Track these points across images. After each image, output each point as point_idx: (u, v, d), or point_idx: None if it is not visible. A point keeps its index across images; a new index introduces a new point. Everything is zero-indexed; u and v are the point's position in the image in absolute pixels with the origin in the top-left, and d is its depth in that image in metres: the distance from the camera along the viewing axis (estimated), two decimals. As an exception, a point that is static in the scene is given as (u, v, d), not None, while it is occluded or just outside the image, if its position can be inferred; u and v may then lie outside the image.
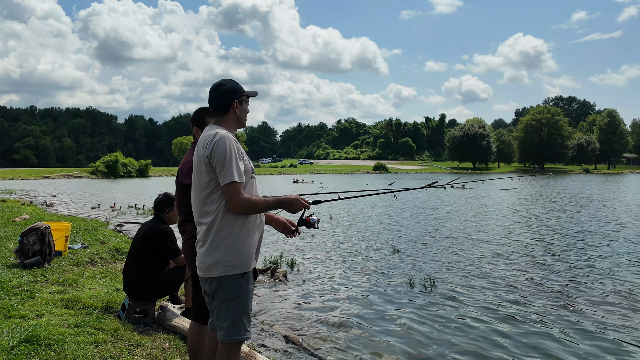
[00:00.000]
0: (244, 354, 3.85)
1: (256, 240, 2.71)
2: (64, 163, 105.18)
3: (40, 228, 6.20)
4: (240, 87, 2.76)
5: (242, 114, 2.78)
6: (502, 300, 6.16)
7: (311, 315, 5.52)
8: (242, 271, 2.60)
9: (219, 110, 2.73)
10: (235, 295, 2.60)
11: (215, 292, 2.63)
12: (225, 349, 2.64)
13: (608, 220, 14.74)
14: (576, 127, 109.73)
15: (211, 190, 2.59)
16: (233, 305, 2.61)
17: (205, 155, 2.56)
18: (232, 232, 2.58)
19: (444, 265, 8.23)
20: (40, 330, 3.70)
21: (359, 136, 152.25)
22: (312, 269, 7.94)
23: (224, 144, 2.53)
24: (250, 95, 2.83)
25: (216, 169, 2.54)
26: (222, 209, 2.57)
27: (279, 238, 11.09)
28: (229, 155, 2.52)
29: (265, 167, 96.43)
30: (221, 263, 2.57)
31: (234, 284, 2.60)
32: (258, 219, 2.72)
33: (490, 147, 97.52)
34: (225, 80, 2.77)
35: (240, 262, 2.59)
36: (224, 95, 2.71)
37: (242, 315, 2.62)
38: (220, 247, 2.58)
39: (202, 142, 2.61)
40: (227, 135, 2.58)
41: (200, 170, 2.62)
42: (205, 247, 2.62)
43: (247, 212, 2.58)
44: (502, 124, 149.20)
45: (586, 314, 5.61)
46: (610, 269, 7.95)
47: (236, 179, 2.50)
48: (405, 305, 5.92)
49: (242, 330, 2.62)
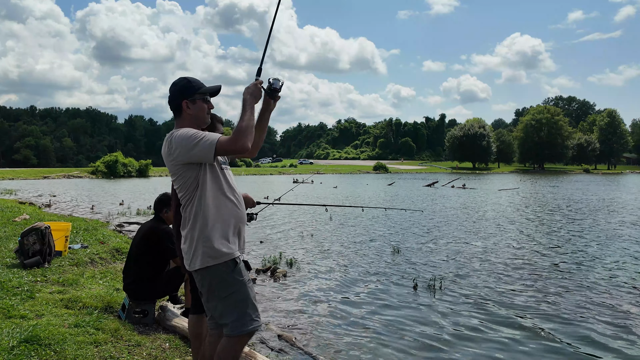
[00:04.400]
0: (244, 354, 3.85)
1: (234, 227, 2.67)
2: (64, 163, 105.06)
3: (40, 228, 6.20)
4: (193, 86, 2.67)
5: (199, 113, 2.68)
6: (503, 300, 6.16)
7: (311, 315, 5.52)
8: (223, 260, 2.56)
9: (173, 112, 2.71)
10: (231, 291, 2.58)
11: (209, 291, 2.61)
12: (231, 342, 2.61)
13: (610, 220, 14.74)
14: (576, 127, 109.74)
15: (184, 186, 2.59)
16: (233, 301, 2.59)
17: (172, 159, 2.56)
18: (207, 222, 2.56)
19: (444, 266, 8.23)
20: (40, 330, 3.70)
21: (358, 136, 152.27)
22: (312, 268, 7.94)
23: (179, 137, 2.54)
24: (209, 92, 2.72)
25: (194, 159, 2.51)
26: (195, 200, 2.58)
27: (280, 238, 11.09)
28: (188, 137, 2.50)
29: (265, 167, 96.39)
30: (199, 254, 2.56)
31: (225, 279, 2.57)
32: (234, 205, 2.68)
33: (490, 147, 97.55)
34: (178, 80, 2.71)
35: (217, 251, 2.55)
36: (173, 97, 2.68)
37: (245, 307, 2.60)
38: (196, 240, 2.57)
39: (165, 152, 2.62)
40: (178, 133, 2.57)
41: (174, 174, 2.62)
42: (184, 240, 2.64)
43: (248, 137, 2.50)
44: (502, 124, 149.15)
45: (588, 314, 5.61)
46: (615, 269, 7.96)
47: (214, 141, 2.46)
48: (405, 306, 5.92)
49: (249, 321, 2.60)
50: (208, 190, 2.59)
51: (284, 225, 13.43)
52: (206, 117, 2.74)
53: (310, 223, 13.88)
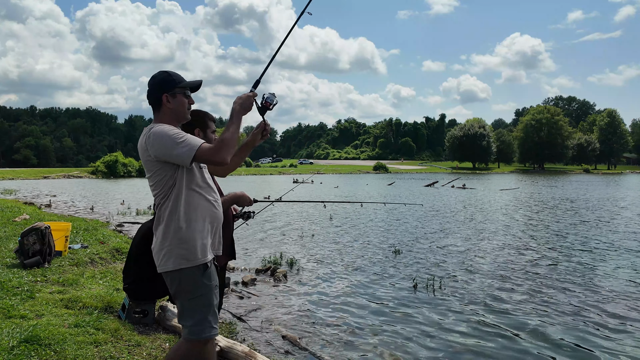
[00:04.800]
0: (244, 354, 3.85)
1: (211, 228, 2.63)
2: (64, 163, 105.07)
3: (40, 228, 6.20)
4: (174, 79, 2.61)
5: (179, 107, 2.61)
6: (504, 300, 6.15)
7: (311, 315, 5.52)
8: (197, 263, 2.52)
9: (152, 105, 2.64)
10: (198, 295, 2.55)
11: (177, 291, 2.58)
12: (188, 345, 2.58)
13: (611, 219, 14.75)
14: (576, 127, 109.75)
15: (159, 184, 2.54)
16: (197, 305, 2.55)
17: (151, 155, 2.49)
18: (182, 222, 2.51)
19: (445, 265, 8.22)
20: (40, 330, 3.70)
21: (358, 136, 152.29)
22: (312, 268, 7.94)
23: (159, 133, 2.47)
24: (190, 86, 2.66)
25: (170, 159, 2.46)
26: (171, 199, 2.52)
27: (280, 238, 11.09)
28: (169, 136, 2.44)
29: (265, 167, 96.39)
30: (173, 255, 2.51)
31: (195, 282, 2.54)
32: (210, 205, 2.63)
33: (490, 147, 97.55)
34: (157, 73, 2.65)
35: (192, 253, 2.51)
36: (152, 90, 2.62)
37: (207, 313, 2.56)
38: (169, 239, 2.52)
39: (141, 146, 2.55)
40: (157, 126, 2.52)
41: (149, 170, 2.56)
42: (157, 239, 2.58)
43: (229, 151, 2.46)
44: (502, 124, 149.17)
45: (588, 315, 5.61)
46: (616, 269, 7.96)
47: (195, 147, 2.42)
48: (405, 306, 5.91)
49: (208, 328, 2.56)
50: (185, 189, 2.54)
51: (285, 225, 13.43)
52: (186, 113, 2.67)
53: (311, 223, 13.88)
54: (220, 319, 5.11)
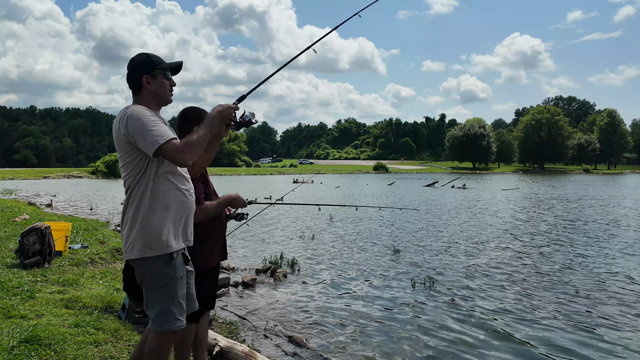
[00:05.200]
0: (244, 354, 3.85)
1: (181, 217, 2.58)
2: (64, 163, 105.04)
3: (40, 228, 6.20)
4: (153, 60, 2.57)
5: (160, 89, 2.57)
6: (504, 300, 6.16)
7: (311, 315, 5.52)
8: (161, 253, 2.48)
9: (132, 88, 2.59)
10: (160, 285, 2.52)
11: (142, 280, 2.56)
12: (156, 338, 2.56)
13: (611, 219, 14.74)
14: (576, 127, 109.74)
15: (128, 166, 2.49)
16: (160, 295, 2.52)
17: (121, 134, 2.44)
18: (151, 209, 2.47)
19: (445, 265, 8.22)
20: (40, 330, 3.70)
21: (359, 136, 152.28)
22: (312, 269, 7.94)
23: (136, 115, 2.42)
24: (170, 67, 2.62)
25: (138, 143, 2.41)
26: (138, 185, 2.48)
27: (280, 239, 11.09)
28: (143, 122, 2.39)
29: (266, 167, 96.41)
30: (138, 243, 2.47)
31: (158, 272, 2.50)
32: (181, 194, 2.58)
33: (490, 147, 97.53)
34: (136, 56, 2.61)
35: (157, 242, 2.47)
36: (132, 71, 2.57)
37: (170, 304, 2.53)
38: (136, 226, 2.48)
39: (116, 124, 2.50)
40: (136, 107, 2.48)
41: (120, 150, 2.51)
42: (124, 226, 2.55)
43: (194, 155, 2.41)
44: (502, 124, 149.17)
45: (588, 314, 5.61)
46: (613, 268, 7.96)
47: (160, 140, 2.36)
48: (406, 305, 5.91)
49: (172, 320, 2.53)
50: (155, 175, 2.49)
51: (285, 225, 13.43)
52: (167, 94, 2.62)
53: (311, 223, 13.88)
54: (220, 319, 5.11)
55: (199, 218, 3.07)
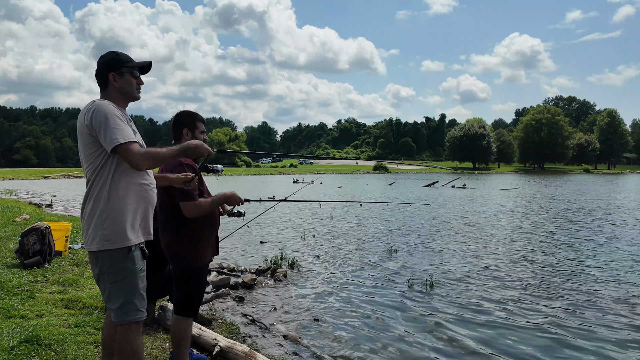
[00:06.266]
0: (245, 354, 3.85)
1: (141, 211, 2.62)
2: (64, 163, 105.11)
3: (40, 228, 6.20)
4: (121, 59, 2.63)
5: (126, 86, 2.63)
6: (503, 301, 6.16)
7: (311, 315, 5.52)
8: (120, 246, 2.51)
9: (99, 84, 2.66)
10: (120, 278, 2.55)
11: (100, 273, 2.58)
12: (123, 330, 2.60)
13: (611, 221, 14.74)
14: (576, 127, 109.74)
15: (89, 158, 2.54)
16: (121, 288, 2.56)
17: (85, 125, 2.50)
18: (111, 202, 2.50)
19: (445, 265, 8.22)
20: (40, 330, 3.70)
21: (359, 136, 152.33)
22: (313, 269, 7.93)
23: (102, 110, 2.47)
24: (138, 66, 2.68)
25: (99, 137, 2.46)
26: (98, 178, 2.51)
27: (280, 238, 11.08)
28: (107, 119, 2.44)
29: (266, 167, 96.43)
30: (97, 235, 2.50)
31: (117, 264, 2.53)
32: (142, 187, 2.62)
33: (490, 147, 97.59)
34: (105, 54, 2.67)
35: (116, 235, 2.50)
36: (100, 68, 2.63)
37: (132, 297, 2.57)
38: (94, 218, 2.51)
39: (80, 115, 2.56)
40: (103, 102, 2.53)
41: (82, 142, 2.57)
42: (83, 218, 2.58)
43: (151, 164, 2.51)
44: (502, 124, 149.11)
45: (587, 316, 5.61)
46: (613, 270, 7.96)
47: (120, 140, 2.41)
48: (405, 305, 5.91)
49: (134, 311, 2.58)
50: (115, 168, 2.53)
51: (285, 225, 13.43)
52: (134, 92, 2.68)
53: (311, 223, 13.88)
54: (220, 319, 5.11)
55: (192, 214, 3.10)
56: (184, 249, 3.16)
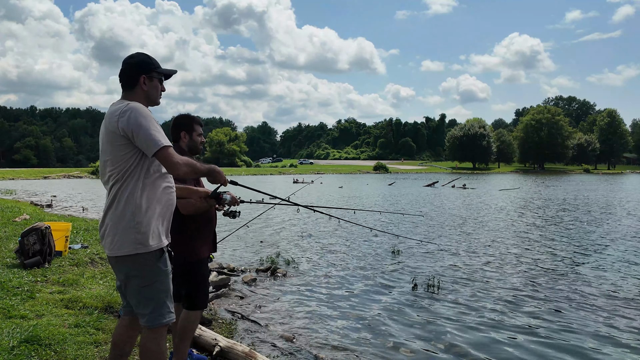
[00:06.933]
0: (244, 354, 3.85)
1: (166, 215, 2.61)
2: (64, 163, 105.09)
3: (40, 228, 6.20)
4: (152, 63, 2.62)
5: (152, 91, 2.62)
6: (503, 300, 6.16)
7: (311, 314, 5.52)
8: (154, 249, 2.50)
9: (125, 84, 2.61)
10: (153, 281, 2.52)
11: (130, 277, 2.54)
12: (152, 334, 2.57)
13: (613, 221, 14.74)
14: (576, 127, 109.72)
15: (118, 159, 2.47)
16: (153, 291, 2.53)
17: (118, 127, 2.42)
18: (142, 206, 2.47)
19: (445, 266, 8.22)
20: (40, 331, 3.70)
21: (359, 136, 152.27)
22: (312, 268, 7.94)
23: (140, 113, 2.43)
24: (166, 73, 2.69)
25: (134, 140, 2.41)
26: (127, 181, 2.47)
27: (279, 238, 11.09)
28: (147, 122, 2.41)
29: (266, 167, 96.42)
30: (128, 239, 2.46)
31: (148, 268, 2.50)
32: (168, 190, 2.62)
33: (490, 147, 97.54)
34: (136, 54, 2.64)
35: (149, 238, 2.48)
36: (130, 68, 2.59)
37: (164, 298, 2.56)
38: (126, 222, 2.46)
39: (112, 115, 2.47)
40: (139, 105, 2.48)
41: (111, 143, 2.47)
42: (109, 220, 2.52)
43: (187, 172, 2.50)
44: (502, 124, 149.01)
45: (588, 317, 5.61)
46: (615, 272, 7.96)
47: (163, 143, 2.40)
48: (405, 306, 5.91)
49: (167, 314, 2.57)
50: (145, 171, 2.50)
51: (284, 225, 13.43)
52: (157, 97, 2.68)
53: (310, 223, 13.88)
54: (220, 319, 5.12)
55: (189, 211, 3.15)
56: (184, 248, 3.19)
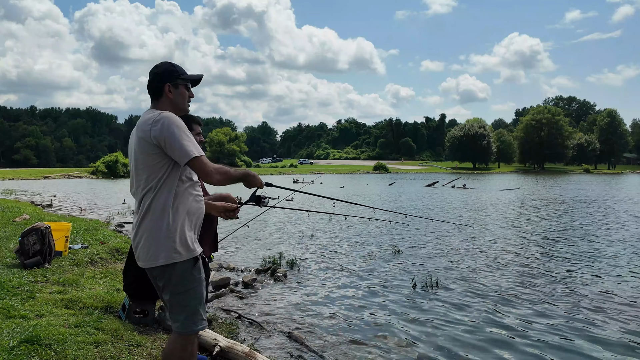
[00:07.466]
0: (244, 354, 3.85)
1: (197, 223, 2.66)
2: (64, 163, 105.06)
3: (40, 228, 6.19)
4: (177, 71, 2.64)
5: (179, 99, 2.65)
6: (503, 300, 6.16)
7: (311, 315, 5.52)
8: (189, 257, 2.53)
9: (153, 94, 2.65)
10: (188, 288, 2.55)
11: (165, 285, 2.57)
12: (182, 340, 2.60)
13: (613, 221, 14.74)
14: (576, 127, 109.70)
15: (150, 168, 2.50)
16: (187, 298, 2.56)
17: (152, 136, 2.44)
18: (176, 215, 2.50)
19: (445, 266, 8.22)
20: (40, 331, 3.70)
21: (359, 136, 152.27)
22: (312, 269, 7.93)
23: (171, 122, 2.46)
24: (192, 79, 2.71)
25: (167, 149, 2.45)
26: (160, 191, 2.49)
27: (279, 238, 11.08)
28: (179, 131, 2.45)
29: (266, 167, 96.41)
30: (164, 248, 2.48)
31: (184, 275, 2.53)
32: (197, 198, 2.66)
33: (490, 147, 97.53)
34: (160, 64, 2.68)
35: (184, 247, 2.52)
36: (155, 78, 2.63)
37: (198, 305, 2.59)
38: (161, 232, 2.48)
39: (144, 124, 2.50)
40: (171, 115, 2.51)
41: (143, 152, 2.50)
42: (142, 231, 2.54)
43: (220, 180, 2.54)
44: (502, 124, 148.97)
45: (587, 316, 5.61)
46: (615, 271, 7.96)
47: (196, 153, 2.45)
48: (405, 306, 5.91)
49: (199, 321, 2.60)
50: (177, 181, 2.53)
51: (284, 225, 13.43)
52: (185, 104, 2.70)
53: (311, 223, 13.87)
54: (220, 319, 5.11)
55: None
56: None
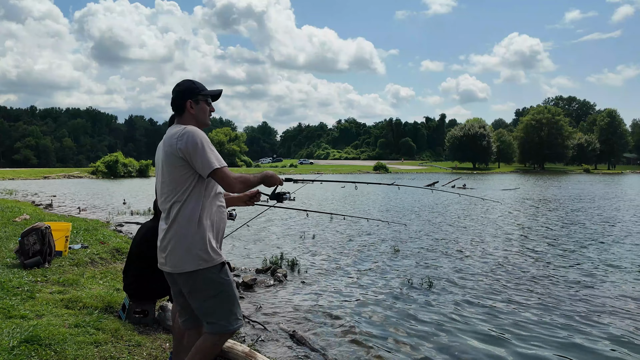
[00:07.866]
0: (244, 354, 3.86)
1: (220, 232, 2.76)
2: (64, 163, 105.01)
3: (40, 228, 6.20)
4: (197, 87, 2.78)
5: (200, 113, 2.78)
6: (503, 300, 6.16)
7: (311, 314, 5.52)
8: (215, 263, 2.63)
9: (176, 110, 2.80)
10: (220, 290, 2.65)
11: (195, 291, 2.65)
12: (215, 339, 2.68)
13: (613, 221, 14.74)
14: (576, 127, 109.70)
15: (177, 180, 2.63)
16: (222, 300, 2.66)
17: (177, 149, 2.58)
18: (202, 223, 2.61)
19: (446, 266, 8.22)
20: (40, 331, 3.70)
21: (359, 136, 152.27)
22: (313, 269, 7.94)
23: (196, 135, 2.59)
24: (212, 94, 2.84)
25: (191, 161, 2.57)
26: (187, 202, 2.61)
27: (280, 239, 11.09)
28: (202, 145, 2.57)
29: (266, 167, 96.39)
30: (191, 256, 2.59)
31: (213, 280, 2.63)
32: (221, 208, 2.78)
33: (490, 147, 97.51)
34: (182, 82, 2.82)
35: (209, 254, 2.62)
36: (177, 96, 2.77)
37: (231, 306, 2.68)
38: (187, 240, 2.59)
39: (171, 138, 2.64)
40: (195, 129, 2.64)
41: (170, 165, 2.63)
42: (168, 239, 2.65)
43: (242, 188, 2.66)
44: (502, 124, 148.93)
45: (586, 316, 5.61)
46: (615, 271, 7.96)
47: (217, 165, 2.56)
48: (406, 305, 5.92)
49: (235, 320, 2.69)
50: (204, 191, 2.65)
51: (285, 225, 13.43)
52: (207, 119, 2.83)
53: (311, 224, 13.88)
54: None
55: None
56: None
